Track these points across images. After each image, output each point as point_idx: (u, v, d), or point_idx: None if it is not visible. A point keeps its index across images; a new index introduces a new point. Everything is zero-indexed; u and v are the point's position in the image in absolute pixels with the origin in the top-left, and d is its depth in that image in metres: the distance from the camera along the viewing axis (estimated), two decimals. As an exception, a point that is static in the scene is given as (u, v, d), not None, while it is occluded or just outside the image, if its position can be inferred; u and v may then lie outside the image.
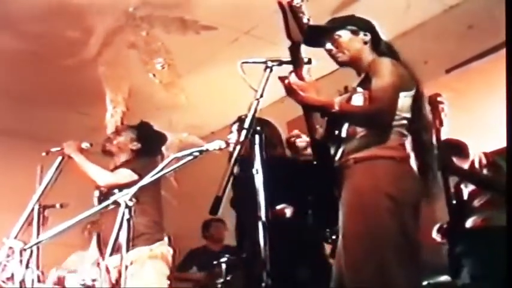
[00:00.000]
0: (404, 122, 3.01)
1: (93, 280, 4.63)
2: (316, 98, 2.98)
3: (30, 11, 5.46)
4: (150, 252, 4.31)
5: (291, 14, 2.83)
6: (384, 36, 3.30)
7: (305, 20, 2.86)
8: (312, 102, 2.99)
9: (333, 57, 3.23)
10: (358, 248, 2.83)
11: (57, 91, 6.68)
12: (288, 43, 3.00)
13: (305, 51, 3.08)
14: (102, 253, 4.58)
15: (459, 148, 4.48)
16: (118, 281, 4.21)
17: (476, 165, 4.34)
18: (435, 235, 4.48)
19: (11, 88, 6.62)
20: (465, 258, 4.20)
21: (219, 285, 5.59)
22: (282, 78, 2.94)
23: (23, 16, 5.52)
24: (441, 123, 4.17)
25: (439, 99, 4.21)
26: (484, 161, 4.31)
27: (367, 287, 2.76)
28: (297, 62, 2.95)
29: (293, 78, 2.95)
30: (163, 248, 4.42)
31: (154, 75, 5.92)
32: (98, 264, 4.56)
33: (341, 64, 3.25)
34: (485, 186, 4.32)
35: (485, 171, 4.32)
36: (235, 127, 4.24)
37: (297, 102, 3.01)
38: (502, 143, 3.41)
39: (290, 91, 2.96)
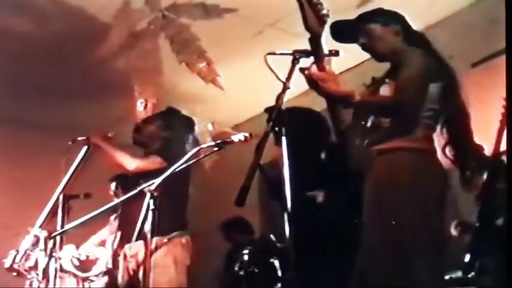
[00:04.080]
0: (431, 113, 3.01)
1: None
2: (337, 88, 2.96)
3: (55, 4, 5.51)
4: (164, 243, 4.26)
5: (308, 5, 2.82)
6: (415, 26, 3.29)
7: (324, 12, 2.85)
8: (333, 93, 2.96)
9: (369, 50, 3.23)
10: (379, 241, 2.85)
11: (82, 83, 6.72)
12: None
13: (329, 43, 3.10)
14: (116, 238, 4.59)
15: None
16: (135, 270, 4.27)
17: None
18: (453, 230, 4.41)
19: (37, 82, 6.68)
20: (489, 256, 4.13)
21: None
22: (302, 70, 2.93)
23: (48, 8, 5.57)
24: None
25: None
26: None
27: (389, 279, 2.77)
28: (317, 54, 2.94)
29: (313, 69, 2.94)
30: (177, 239, 4.36)
31: (187, 64, 5.92)
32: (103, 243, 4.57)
33: (378, 57, 3.25)
34: None
35: None
36: None
37: (318, 93, 3.00)
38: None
39: (311, 82, 2.95)
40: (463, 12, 5.65)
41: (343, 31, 3.20)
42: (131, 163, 4.40)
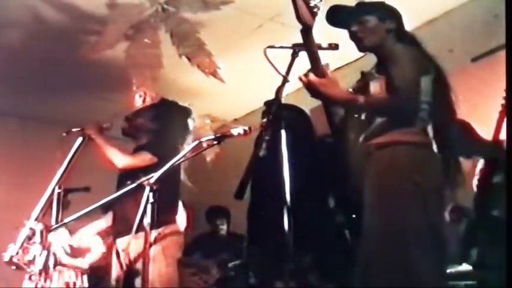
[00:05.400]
0: (425, 106, 2.98)
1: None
2: (338, 93, 2.95)
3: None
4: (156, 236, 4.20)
5: None
6: (409, 25, 3.28)
7: (314, 3, 2.84)
8: (335, 98, 2.96)
9: (357, 40, 3.22)
10: (380, 238, 2.83)
11: (81, 77, 6.71)
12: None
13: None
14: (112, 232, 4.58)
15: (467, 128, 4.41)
16: (127, 264, 4.26)
17: None
18: (448, 215, 4.39)
19: (36, 75, 6.67)
20: (484, 245, 4.12)
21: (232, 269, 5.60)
22: (300, 78, 2.94)
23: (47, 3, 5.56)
24: None
25: None
26: None
27: (390, 277, 2.76)
28: (309, 45, 2.92)
29: (312, 76, 2.93)
30: (167, 232, 4.33)
31: (187, 56, 5.89)
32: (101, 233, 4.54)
33: (363, 49, 3.23)
34: None
35: None
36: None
37: (319, 99, 3.01)
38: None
39: (311, 89, 2.94)
40: (465, 6, 5.63)
41: (339, 15, 3.20)
42: (120, 161, 4.34)
